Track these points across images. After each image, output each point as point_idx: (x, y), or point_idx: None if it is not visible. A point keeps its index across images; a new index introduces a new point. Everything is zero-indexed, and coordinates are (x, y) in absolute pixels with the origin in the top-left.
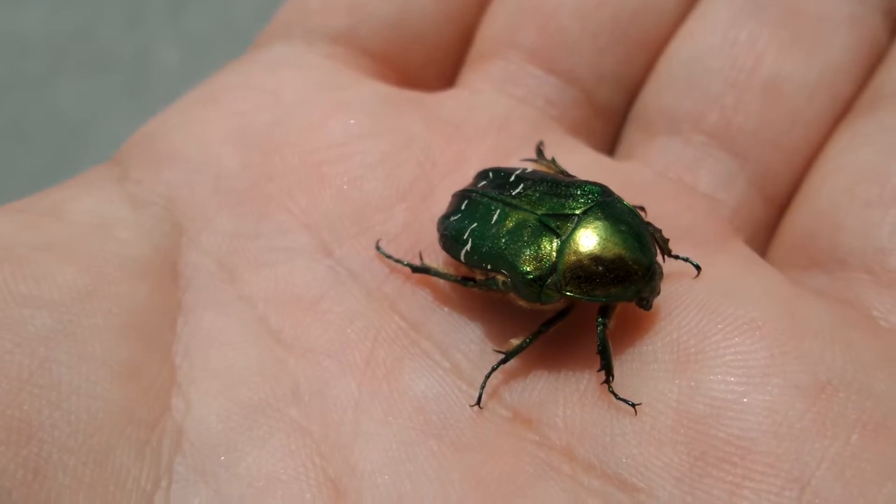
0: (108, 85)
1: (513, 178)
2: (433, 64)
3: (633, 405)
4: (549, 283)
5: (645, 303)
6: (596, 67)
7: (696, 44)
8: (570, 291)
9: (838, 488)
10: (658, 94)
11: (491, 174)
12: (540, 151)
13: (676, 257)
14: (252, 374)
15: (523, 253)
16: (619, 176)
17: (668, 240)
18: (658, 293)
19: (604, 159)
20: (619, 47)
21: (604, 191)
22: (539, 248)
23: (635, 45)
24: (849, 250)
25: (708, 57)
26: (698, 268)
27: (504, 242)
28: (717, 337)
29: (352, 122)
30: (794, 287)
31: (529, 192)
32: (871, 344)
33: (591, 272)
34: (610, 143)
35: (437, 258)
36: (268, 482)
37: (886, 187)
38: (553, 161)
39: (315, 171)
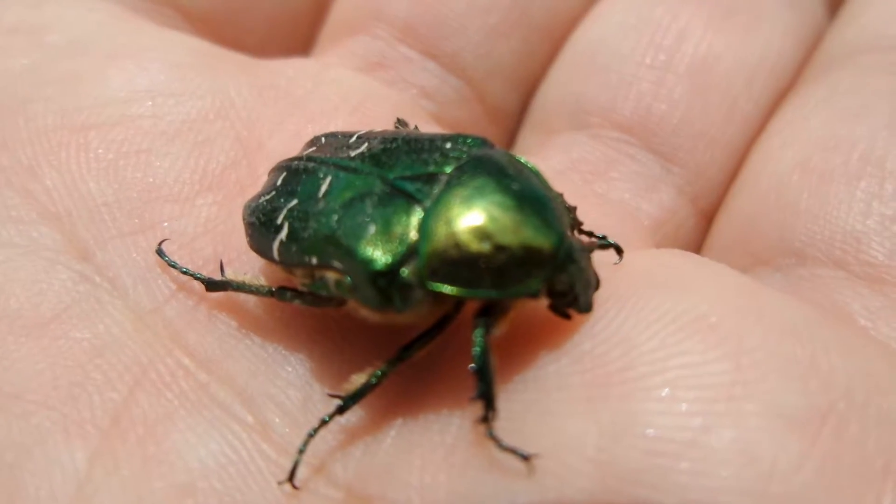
0: None
1: (354, 139)
2: (276, 38)
3: (526, 457)
4: (406, 275)
5: (562, 300)
6: (486, 54)
7: (605, 22)
8: (441, 285)
9: None
10: (559, 84)
11: (324, 138)
12: (401, 124)
13: (590, 234)
14: None
15: (366, 232)
16: None
17: (575, 207)
18: (588, 286)
19: None
20: (515, 31)
21: (485, 142)
22: (390, 222)
23: (536, 31)
24: (807, 238)
25: (619, 36)
26: (619, 250)
27: (336, 221)
28: (653, 343)
29: (143, 74)
30: (752, 279)
31: (377, 151)
32: (875, 353)
33: (472, 254)
34: None
35: (252, 269)
36: None
37: (852, 155)
38: (416, 129)
39: (77, 137)
